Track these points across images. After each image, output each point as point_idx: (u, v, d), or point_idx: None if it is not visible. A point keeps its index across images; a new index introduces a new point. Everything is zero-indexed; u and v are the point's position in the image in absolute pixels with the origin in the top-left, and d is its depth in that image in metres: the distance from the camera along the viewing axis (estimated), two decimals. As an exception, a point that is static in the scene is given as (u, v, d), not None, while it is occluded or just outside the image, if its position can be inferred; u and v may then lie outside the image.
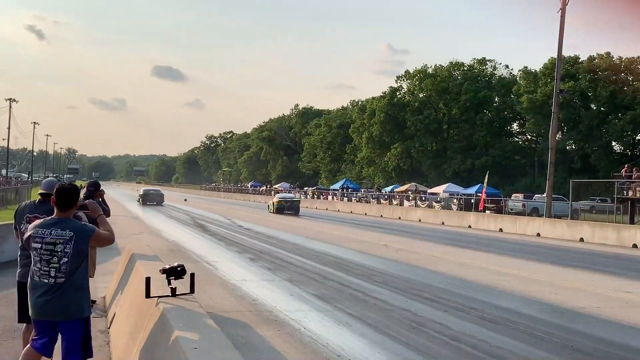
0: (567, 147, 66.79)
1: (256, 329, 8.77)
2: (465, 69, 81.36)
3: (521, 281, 14.55)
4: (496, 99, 77.74)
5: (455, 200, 49.79)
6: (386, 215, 47.77)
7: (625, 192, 32.28)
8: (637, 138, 65.09)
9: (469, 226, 36.93)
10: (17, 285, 6.37)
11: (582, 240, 27.98)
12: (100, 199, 10.63)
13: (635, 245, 25.26)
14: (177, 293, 5.87)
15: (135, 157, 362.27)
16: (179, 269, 5.84)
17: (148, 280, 5.89)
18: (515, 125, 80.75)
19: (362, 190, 74.08)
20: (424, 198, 54.64)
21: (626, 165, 35.79)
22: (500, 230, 34.10)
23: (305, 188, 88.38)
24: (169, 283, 5.86)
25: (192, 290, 6.11)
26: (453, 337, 8.75)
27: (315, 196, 73.56)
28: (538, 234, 31.00)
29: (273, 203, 47.01)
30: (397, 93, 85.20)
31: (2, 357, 7.05)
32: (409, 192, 59.51)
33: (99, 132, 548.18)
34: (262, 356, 7.53)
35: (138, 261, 8.47)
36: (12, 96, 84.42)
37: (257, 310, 10.13)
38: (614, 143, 66.11)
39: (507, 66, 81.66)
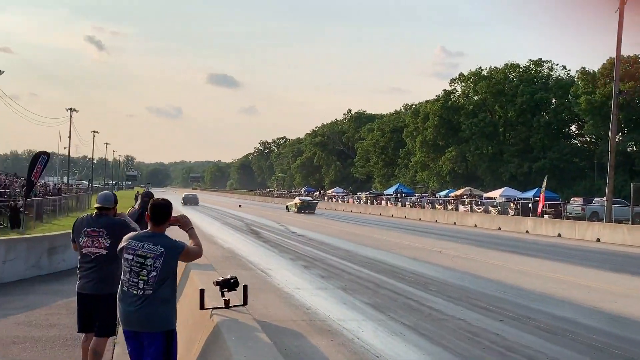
0: (628, 149, 64.82)
1: (309, 339, 8.80)
2: (521, 70, 79.99)
3: (580, 289, 14.22)
4: (553, 101, 76.12)
5: (512, 205, 48.97)
6: (441, 221, 47.35)
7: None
8: (702, 139, 62.81)
9: (527, 231, 36.28)
10: (77, 296, 6.54)
11: (644, 245, 27.16)
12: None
13: (701, 251, 24.42)
14: (230, 305, 5.94)
15: (191, 164, 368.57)
16: (232, 281, 5.90)
17: (202, 292, 5.98)
18: (573, 127, 78.94)
19: (416, 194, 73.57)
20: (480, 202, 53.92)
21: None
22: (559, 235, 33.40)
23: (359, 193, 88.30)
24: (223, 295, 5.93)
25: (245, 302, 6.17)
26: (509, 348, 8.61)
27: (369, 201, 73.41)
28: (598, 240, 30.23)
29: (295, 204, 57.28)
30: (451, 96, 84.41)
31: (63, 365, 7.24)
32: (464, 197, 58.81)
33: (156, 140, 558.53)
34: (315, 367, 7.55)
35: (192, 271, 8.61)
36: (73, 105, 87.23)
37: (311, 319, 10.17)
38: (677, 144, 63.95)
39: (564, 67, 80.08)
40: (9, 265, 12.99)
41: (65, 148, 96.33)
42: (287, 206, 60.31)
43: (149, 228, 5.28)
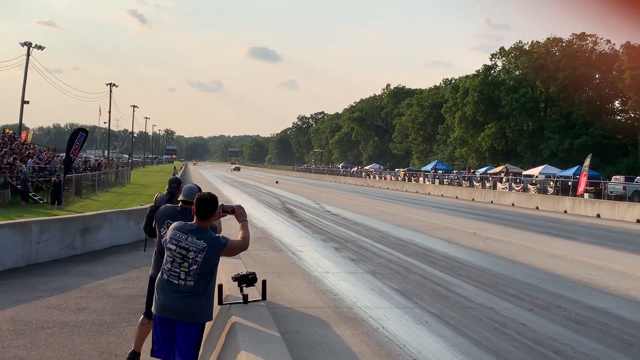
0: (674, 126, 63.19)
1: (334, 328, 8.77)
2: (564, 44, 78.09)
3: (615, 276, 13.93)
4: (596, 76, 74.35)
5: (551, 183, 48.20)
6: (478, 199, 46.90)
7: None
8: None
9: (565, 211, 35.74)
10: (149, 280, 6.60)
11: (686, 228, 26.51)
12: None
13: None
14: (249, 300, 5.94)
15: (230, 138, 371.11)
16: (250, 277, 5.89)
17: (220, 287, 5.99)
18: (617, 103, 77.01)
19: (454, 172, 72.91)
20: (518, 180, 53.19)
21: None
22: (598, 216, 32.81)
23: (396, 169, 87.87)
24: (242, 290, 5.93)
25: (264, 297, 6.17)
26: (536, 340, 8.48)
27: (407, 178, 73.05)
28: (638, 221, 29.60)
29: (231, 168, 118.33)
30: (492, 71, 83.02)
31: (87, 352, 7.33)
32: (502, 174, 58.03)
33: (196, 114, 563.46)
34: (337, 358, 7.52)
35: (218, 259, 8.60)
36: (114, 80, 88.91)
37: (337, 306, 10.15)
38: None
39: (608, 41, 77.85)
40: (43, 246, 13.25)
41: (105, 123, 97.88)
42: (228, 169, 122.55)
43: (194, 221, 5.30)
